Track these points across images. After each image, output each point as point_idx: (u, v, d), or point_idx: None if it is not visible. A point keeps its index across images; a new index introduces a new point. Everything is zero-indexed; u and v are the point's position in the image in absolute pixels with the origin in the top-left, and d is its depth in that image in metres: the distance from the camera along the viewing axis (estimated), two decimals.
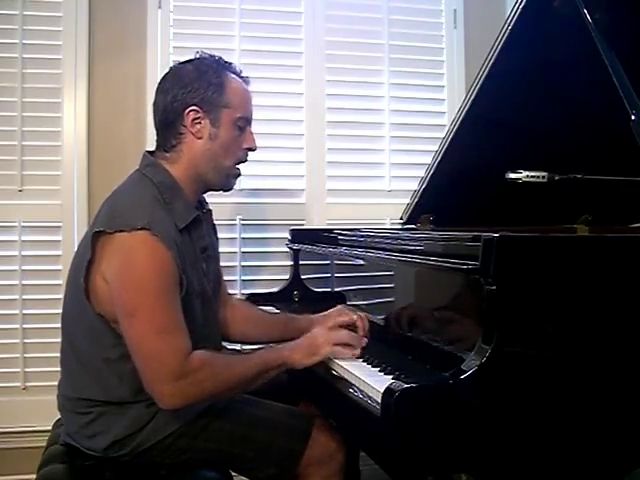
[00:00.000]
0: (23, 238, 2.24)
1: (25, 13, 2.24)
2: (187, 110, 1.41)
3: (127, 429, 1.34)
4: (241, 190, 2.37)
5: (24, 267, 2.23)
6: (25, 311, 2.23)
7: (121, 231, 1.27)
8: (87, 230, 1.41)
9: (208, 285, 1.49)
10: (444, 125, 2.44)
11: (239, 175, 1.53)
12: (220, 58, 1.49)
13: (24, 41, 2.24)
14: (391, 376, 1.19)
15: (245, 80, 1.50)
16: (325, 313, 1.60)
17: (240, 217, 2.37)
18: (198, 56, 1.49)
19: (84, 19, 2.29)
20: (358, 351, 1.37)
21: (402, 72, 2.52)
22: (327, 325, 1.48)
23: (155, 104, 1.46)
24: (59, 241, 2.26)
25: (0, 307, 2.23)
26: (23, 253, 2.23)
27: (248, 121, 1.49)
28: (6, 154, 2.24)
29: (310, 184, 2.46)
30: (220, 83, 1.43)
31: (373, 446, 1.20)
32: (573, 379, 1.07)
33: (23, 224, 2.24)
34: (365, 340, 1.41)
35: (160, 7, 2.34)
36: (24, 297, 2.23)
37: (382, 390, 1.05)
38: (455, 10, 2.57)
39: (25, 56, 2.24)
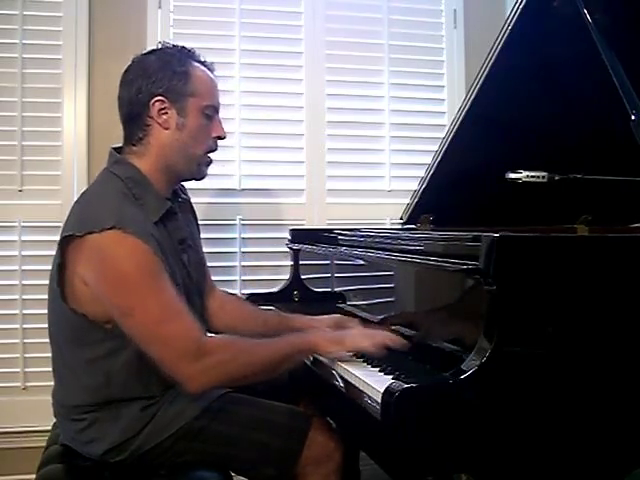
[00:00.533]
0: (23, 238, 2.23)
1: (25, 13, 2.24)
2: (153, 100, 1.39)
3: (122, 434, 1.33)
4: (241, 190, 2.37)
5: (24, 267, 2.23)
6: (25, 311, 2.22)
7: (91, 233, 1.26)
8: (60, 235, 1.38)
9: (191, 276, 1.48)
10: (444, 125, 2.44)
11: (210, 163, 1.51)
12: (183, 47, 1.47)
13: (24, 41, 2.24)
14: (391, 376, 1.18)
15: (209, 68, 1.48)
16: (324, 317, 1.61)
17: (240, 217, 2.37)
18: (160, 46, 1.47)
19: (84, 19, 2.29)
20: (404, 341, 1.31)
21: (402, 72, 2.52)
22: (333, 325, 1.52)
23: (120, 97, 1.44)
24: None
25: (0, 307, 2.23)
26: (23, 253, 2.23)
27: (216, 109, 1.47)
28: (6, 154, 2.24)
29: (310, 184, 2.45)
30: (185, 72, 1.41)
31: (373, 446, 1.21)
32: (573, 379, 1.07)
33: (23, 224, 2.24)
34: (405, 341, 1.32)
35: (160, 7, 2.34)
36: (24, 297, 2.22)
37: (382, 390, 1.05)
38: (455, 10, 2.57)
39: (25, 56, 2.24)
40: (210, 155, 1.50)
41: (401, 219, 2.14)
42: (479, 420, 1.02)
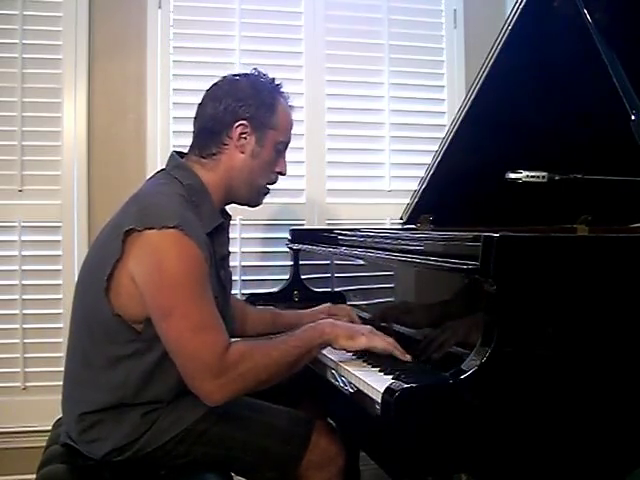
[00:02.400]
0: (23, 238, 2.23)
1: (25, 13, 2.24)
2: (237, 123, 1.44)
3: (126, 437, 1.33)
4: None
5: (24, 267, 2.23)
6: (25, 311, 2.22)
7: (151, 228, 1.26)
8: (108, 229, 1.38)
9: (226, 292, 1.52)
10: (444, 125, 2.43)
11: (267, 193, 1.57)
12: (274, 80, 1.52)
13: (24, 41, 2.24)
14: (391, 376, 1.18)
15: (291, 107, 1.55)
16: (316, 308, 1.66)
17: (240, 217, 2.36)
18: (255, 73, 1.51)
19: (84, 19, 2.29)
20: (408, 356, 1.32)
21: (402, 72, 2.52)
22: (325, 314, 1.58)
23: (203, 108, 1.47)
24: (59, 241, 2.26)
25: (0, 307, 2.22)
26: (23, 253, 2.23)
27: (286, 147, 1.54)
28: (6, 154, 2.23)
29: (310, 184, 2.45)
30: (272, 105, 1.47)
31: (373, 446, 1.21)
32: (573, 379, 1.07)
33: (23, 224, 2.23)
34: (409, 357, 1.32)
35: (160, 7, 2.34)
36: (24, 297, 2.22)
37: (382, 390, 1.05)
38: (455, 10, 2.57)
39: (25, 56, 2.24)
40: (269, 187, 1.55)
41: (401, 219, 2.14)
42: (479, 420, 1.02)
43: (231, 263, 2.31)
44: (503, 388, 1.04)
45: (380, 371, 1.25)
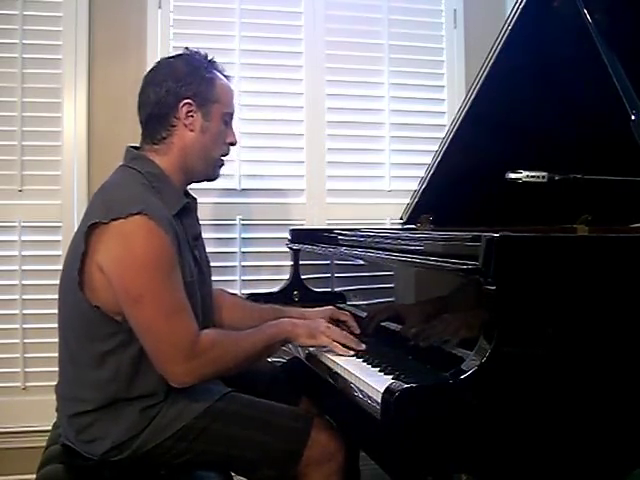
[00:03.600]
0: (23, 238, 2.23)
1: (25, 13, 2.24)
2: (181, 103, 1.45)
3: (125, 434, 1.34)
4: (241, 190, 2.37)
5: (24, 267, 2.23)
6: (25, 311, 2.22)
7: (117, 219, 1.28)
8: (79, 226, 1.40)
9: (202, 272, 1.52)
10: (444, 125, 2.43)
11: (222, 165, 1.59)
12: (207, 55, 1.54)
13: (24, 41, 2.24)
14: (391, 376, 1.19)
15: (228, 78, 1.57)
16: (317, 309, 1.66)
17: (240, 217, 2.36)
18: (188, 52, 1.53)
19: (84, 19, 2.29)
20: (352, 353, 1.41)
21: (402, 72, 2.52)
22: (327, 317, 1.58)
23: (145, 96, 1.49)
24: (59, 241, 2.26)
25: (0, 307, 2.22)
26: (23, 253, 2.23)
27: (232, 117, 1.56)
28: (6, 154, 2.23)
29: (310, 184, 2.45)
30: (211, 79, 1.49)
31: (373, 446, 1.21)
32: (573, 379, 1.07)
33: (23, 224, 2.23)
34: (363, 346, 1.44)
35: (160, 7, 2.34)
36: (24, 297, 2.22)
37: (382, 390, 1.05)
38: (455, 10, 2.57)
39: (25, 56, 2.24)
40: (223, 159, 1.58)
41: (401, 219, 2.14)
42: (479, 420, 1.02)
43: (231, 263, 2.35)
44: (503, 388, 1.04)
45: (380, 371, 1.25)
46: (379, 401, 1.06)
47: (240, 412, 1.40)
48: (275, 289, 2.12)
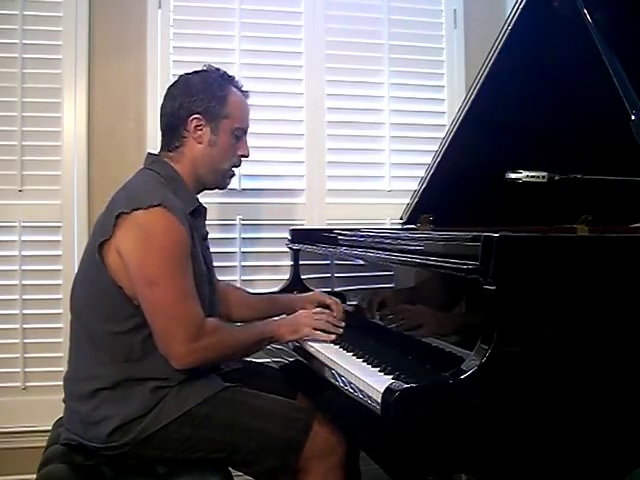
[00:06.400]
0: (23, 238, 2.23)
1: (25, 13, 2.24)
2: (191, 117, 1.57)
3: (133, 413, 1.39)
4: (241, 190, 2.37)
5: (24, 267, 2.23)
6: (25, 311, 2.23)
7: (138, 209, 1.39)
8: (100, 217, 1.49)
9: (210, 269, 1.62)
10: (444, 125, 2.43)
11: (233, 175, 1.69)
12: (225, 72, 1.64)
13: (24, 41, 2.24)
14: (391, 376, 1.19)
15: (245, 94, 1.66)
16: (304, 295, 1.82)
17: (240, 217, 2.36)
18: (206, 69, 1.64)
19: (84, 19, 2.29)
20: (333, 336, 1.56)
21: (402, 72, 2.52)
22: (310, 306, 1.70)
23: (163, 108, 1.62)
24: (59, 241, 2.26)
25: (0, 307, 2.23)
26: (23, 253, 2.23)
27: (244, 131, 1.66)
28: (6, 154, 2.23)
29: (310, 184, 2.45)
30: (223, 96, 1.59)
31: (373, 446, 1.21)
32: (573, 379, 1.07)
33: (23, 224, 2.23)
34: (340, 330, 1.59)
35: (160, 7, 2.34)
36: (24, 297, 2.23)
37: (382, 390, 1.05)
38: (455, 10, 2.57)
39: (25, 56, 2.24)
40: (234, 169, 1.68)
41: (401, 219, 2.14)
42: (479, 420, 1.02)
43: (231, 263, 2.35)
44: (503, 388, 1.04)
45: (380, 371, 1.25)
46: (379, 401, 1.06)
47: (243, 401, 1.45)
48: (275, 289, 2.12)
